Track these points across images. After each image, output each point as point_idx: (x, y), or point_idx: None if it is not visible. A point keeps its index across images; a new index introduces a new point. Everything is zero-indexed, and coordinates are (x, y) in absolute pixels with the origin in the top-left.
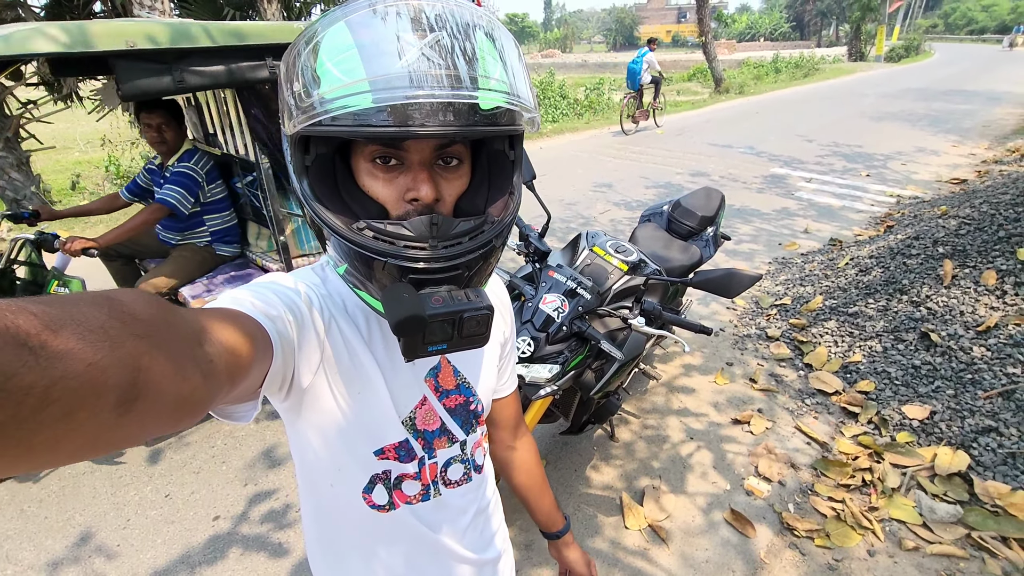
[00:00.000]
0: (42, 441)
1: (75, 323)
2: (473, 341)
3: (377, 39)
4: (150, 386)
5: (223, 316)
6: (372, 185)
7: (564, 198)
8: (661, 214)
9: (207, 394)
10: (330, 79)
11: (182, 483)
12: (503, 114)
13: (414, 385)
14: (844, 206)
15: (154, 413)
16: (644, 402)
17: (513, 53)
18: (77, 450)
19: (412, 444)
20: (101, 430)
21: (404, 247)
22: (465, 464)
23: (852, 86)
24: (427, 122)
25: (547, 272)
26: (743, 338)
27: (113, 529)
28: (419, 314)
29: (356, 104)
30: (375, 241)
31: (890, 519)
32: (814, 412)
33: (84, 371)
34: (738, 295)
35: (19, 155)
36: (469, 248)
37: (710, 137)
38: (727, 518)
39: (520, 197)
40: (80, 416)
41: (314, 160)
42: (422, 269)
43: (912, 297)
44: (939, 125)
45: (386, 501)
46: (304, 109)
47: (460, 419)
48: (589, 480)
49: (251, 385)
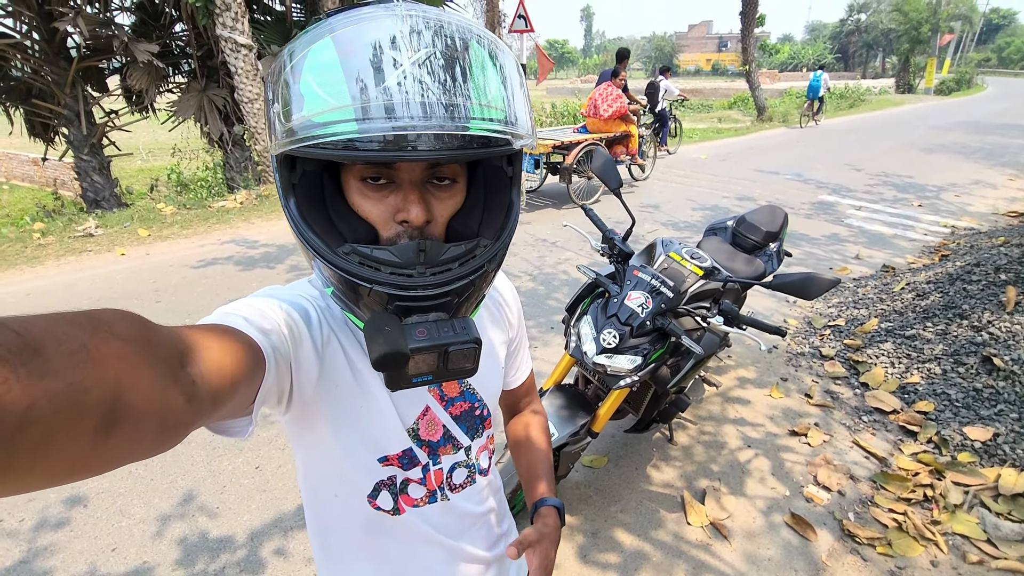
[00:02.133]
0: (18, 463)
1: (56, 342)
2: (459, 374)
3: (363, 57)
4: (131, 408)
5: (210, 333)
6: (362, 204)
7: (611, 217)
8: (726, 229)
9: (190, 416)
10: (314, 100)
11: (270, 457)
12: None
13: (417, 395)
14: (896, 234)
15: (135, 436)
16: (700, 410)
17: (510, 71)
18: (54, 474)
19: (415, 452)
20: (80, 453)
21: (390, 274)
22: (469, 468)
23: (900, 117)
24: (418, 145)
25: (631, 271)
26: (797, 356)
27: (212, 493)
28: (400, 350)
29: (341, 132)
30: (360, 267)
31: (953, 533)
32: (871, 429)
33: (64, 391)
34: (817, 297)
35: (101, 160)
36: (459, 275)
37: (755, 163)
38: (788, 521)
39: (518, 215)
40: (59, 438)
41: (301, 177)
42: (408, 296)
43: (973, 322)
44: (994, 158)
45: (392, 506)
46: (287, 131)
47: (465, 425)
48: (650, 478)
49: (243, 401)
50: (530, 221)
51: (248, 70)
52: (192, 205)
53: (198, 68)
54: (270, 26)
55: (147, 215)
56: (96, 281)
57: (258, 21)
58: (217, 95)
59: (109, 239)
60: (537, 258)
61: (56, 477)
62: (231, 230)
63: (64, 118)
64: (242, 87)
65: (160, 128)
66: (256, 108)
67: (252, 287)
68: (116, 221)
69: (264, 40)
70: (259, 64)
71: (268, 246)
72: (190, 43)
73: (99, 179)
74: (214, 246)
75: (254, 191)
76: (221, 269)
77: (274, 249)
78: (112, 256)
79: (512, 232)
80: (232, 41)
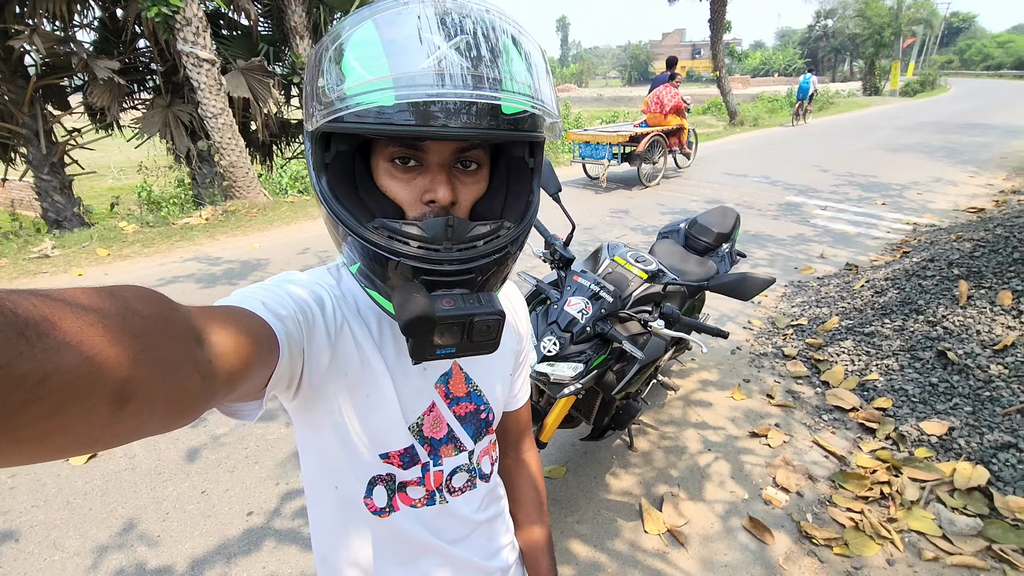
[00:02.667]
0: (31, 434)
1: (75, 315)
2: (482, 346)
3: (403, 38)
4: (146, 385)
5: (227, 315)
6: (390, 185)
7: (582, 223)
8: (678, 231)
9: (204, 395)
10: (354, 75)
11: (217, 480)
12: (525, 120)
13: (424, 391)
14: (860, 233)
15: (148, 412)
16: (662, 414)
17: (538, 59)
18: (67, 445)
19: (417, 450)
20: (93, 426)
21: (418, 248)
22: (471, 473)
23: (867, 119)
24: (449, 123)
25: (572, 277)
26: (760, 356)
27: (153, 521)
28: (429, 315)
29: (378, 100)
30: (389, 240)
31: (909, 530)
32: (831, 427)
33: (80, 365)
34: (752, 297)
35: (62, 179)
36: (484, 252)
37: (725, 167)
38: (745, 525)
39: (538, 204)
40: (73, 411)
41: (334, 158)
42: (435, 271)
43: (928, 317)
44: (956, 156)
45: (386, 503)
46: (326, 104)
47: (471, 427)
48: (608, 486)
49: (255, 384)
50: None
51: (211, 85)
52: (155, 223)
53: (162, 84)
54: (235, 40)
55: (108, 234)
56: None
57: (223, 36)
58: (182, 111)
59: (66, 259)
60: None
61: (69, 448)
62: (194, 247)
63: (22, 137)
64: (206, 102)
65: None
66: (220, 123)
67: None
68: (75, 241)
69: (229, 55)
70: (223, 79)
71: (231, 262)
72: (153, 59)
73: (60, 199)
74: (175, 264)
75: (220, 207)
76: (180, 287)
77: (237, 265)
78: (68, 277)
79: (533, 218)
80: (194, 56)
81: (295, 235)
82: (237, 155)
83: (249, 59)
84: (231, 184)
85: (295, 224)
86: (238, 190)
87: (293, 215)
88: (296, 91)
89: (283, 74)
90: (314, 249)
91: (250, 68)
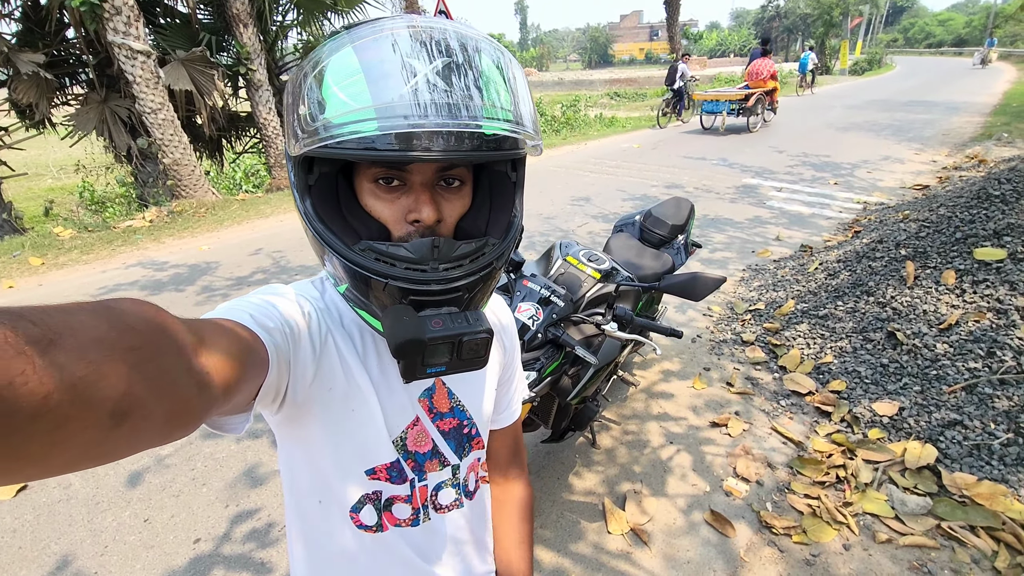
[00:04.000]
0: (33, 452)
1: (73, 333)
2: (472, 363)
3: (383, 65)
4: (144, 398)
5: (220, 327)
6: (375, 205)
7: (543, 212)
8: (633, 224)
9: (201, 406)
10: (336, 104)
11: (162, 507)
12: (506, 139)
13: (408, 405)
14: (814, 213)
15: (147, 425)
16: (624, 409)
17: (518, 79)
18: (69, 461)
19: (403, 465)
20: (94, 441)
21: (405, 269)
22: (456, 489)
23: (819, 99)
24: (432, 146)
25: (521, 281)
26: (720, 343)
27: (90, 557)
28: (419, 337)
29: (362, 131)
30: (376, 262)
31: (864, 513)
32: (789, 413)
33: (79, 381)
34: (704, 297)
35: None
36: (470, 270)
37: (684, 151)
38: (707, 519)
39: (522, 217)
40: (73, 427)
41: (317, 180)
42: (423, 291)
43: (878, 298)
44: (902, 134)
45: (375, 522)
46: (310, 132)
47: (453, 443)
48: (572, 487)
49: (245, 397)
50: None
51: (148, 78)
52: (94, 227)
53: (96, 77)
54: (174, 29)
55: (41, 241)
56: None
57: (159, 25)
58: (120, 106)
59: None
60: None
61: (69, 465)
62: (138, 252)
63: None
64: (143, 97)
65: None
66: (160, 119)
67: None
68: (5, 250)
69: (168, 45)
70: (161, 72)
71: (178, 267)
72: (84, 51)
73: None
74: (117, 271)
75: (165, 207)
76: (124, 296)
77: (185, 270)
78: None
79: (517, 233)
80: (127, 47)
81: (247, 235)
82: (181, 152)
83: (190, 49)
84: (176, 183)
85: (247, 223)
86: (184, 189)
87: (244, 214)
88: (243, 82)
89: (228, 64)
90: (267, 249)
91: (191, 59)
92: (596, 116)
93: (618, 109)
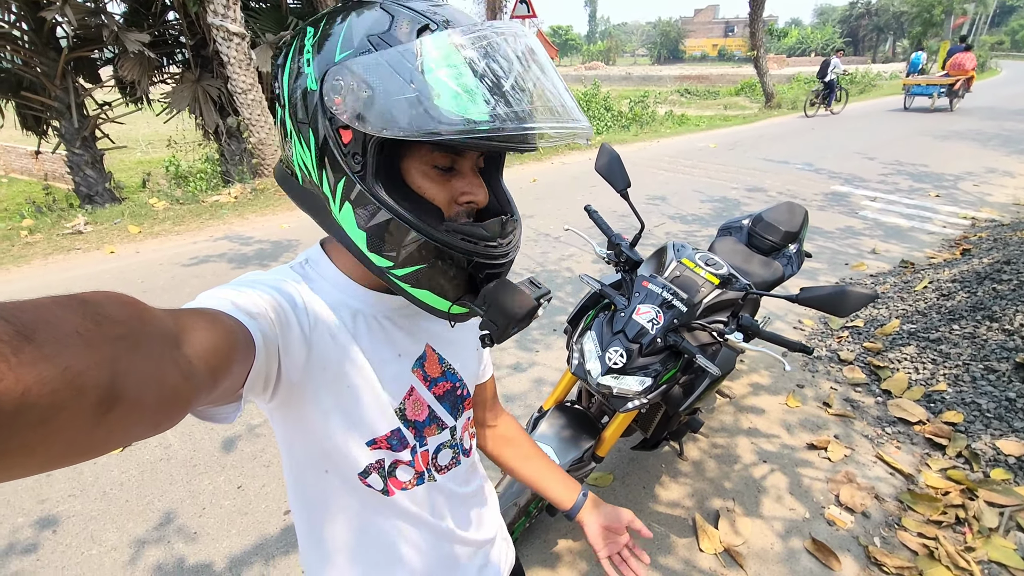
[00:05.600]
0: (16, 447)
1: (48, 327)
2: (530, 321)
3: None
4: (129, 388)
5: (201, 315)
6: (429, 188)
7: (616, 210)
8: (740, 228)
9: (188, 395)
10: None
11: (253, 475)
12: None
13: (402, 376)
14: (913, 227)
15: (134, 416)
16: (712, 420)
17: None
18: (54, 456)
19: (404, 433)
20: (79, 435)
21: (485, 246)
22: (454, 449)
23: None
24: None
25: (641, 282)
26: (814, 360)
27: (190, 516)
28: (534, 304)
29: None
30: (462, 241)
31: (988, 561)
32: (896, 441)
33: (59, 376)
34: (851, 313)
35: (94, 153)
36: (517, 242)
37: (764, 152)
38: (808, 547)
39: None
40: (57, 421)
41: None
42: (494, 264)
43: (1004, 325)
44: (1012, 146)
45: (381, 488)
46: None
47: (448, 405)
48: (658, 497)
49: (233, 385)
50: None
51: (241, 59)
52: (185, 200)
53: (192, 58)
54: (265, 13)
55: (138, 211)
56: (82, 281)
57: (252, 8)
58: (211, 86)
59: (99, 236)
60: (540, 254)
61: (56, 460)
62: (224, 226)
63: (55, 110)
64: (235, 77)
65: (158, 119)
66: (250, 99)
67: None
68: (107, 217)
69: (259, 28)
70: (252, 53)
71: (262, 242)
72: (183, 32)
73: (92, 173)
74: (207, 243)
75: (249, 185)
76: (213, 267)
77: (268, 246)
78: (101, 254)
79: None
80: (224, 29)
81: None
82: (266, 132)
83: (278, 33)
84: (260, 162)
85: None
86: (266, 168)
87: None
88: None
89: None
90: None
91: (279, 42)
92: (666, 113)
93: (688, 107)
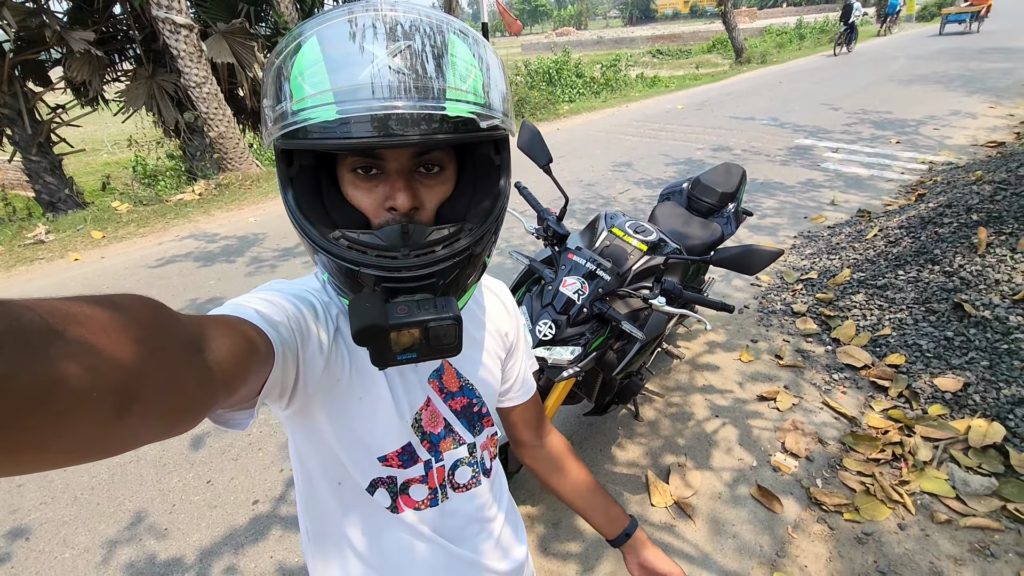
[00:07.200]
0: (32, 441)
1: (78, 325)
2: (444, 351)
3: (344, 51)
4: (146, 391)
5: (224, 323)
6: (354, 194)
7: (583, 179)
8: (680, 192)
9: (204, 401)
10: (298, 92)
11: (222, 469)
12: (473, 121)
13: (418, 387)
14: (873, 175)
15: (148, 419)
16: (668, 380)
17: (487, 60)
18: (66, 453)
19: (415, 448)
20: (93, 433)
21: (376, 256)
22: (473, 467)
23: (881, 49)
24: (393, 132)
25: (566, 255)
26: (768, 314)
27: (161, 513)
28: (379, 324)
29: (320, 116)
30: (348, 251)
31: (921, 492)
32: (842, 387)
33: (83, 374)
34: (759, 271)
35: (52, 159)
36: (442, 256)
37: (731, 110)
38: (753, 494)
39: (507, 201)
40: (74, 420)
41: (298, 172)
42: (393, 278)
43: (944, 267)
44: (974, 85)
45: (389, 504)
46: (275, 120)
47: (465, 421)
48: (614, 459)
49: (249, 392)
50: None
51: (192, 52)
52: (149, 201)
53: (143, 53)
54: (213, 2)
55: (101, 215)
56: (48, 291)
57: None
58: (166, 81)
59: (62, 244)
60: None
61: (67, 457)
62: (190, 224)
63: (5, 117)
64: (188, 71)
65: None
66: (205, 92)
67: (211, 284)
68: (69, 224)
69: (209, 18)
70: (203, 45)
71: (228, 238)
72: (131, 27)
73: (52, 180)
74: (172, 243)
75: (213, 180)
76: (179, 267)
77: (234, 241)
78: (65, 262)
79: (499, 217)
80: (170, 22)
81: None
82: (226, 125)
83: (229, 21)
84: (222, 156)
85: None
86: (230, 162)
87: None
88: None
89: (267, 35)
90: None
91: (231, 31)
92: (637, 76)
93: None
